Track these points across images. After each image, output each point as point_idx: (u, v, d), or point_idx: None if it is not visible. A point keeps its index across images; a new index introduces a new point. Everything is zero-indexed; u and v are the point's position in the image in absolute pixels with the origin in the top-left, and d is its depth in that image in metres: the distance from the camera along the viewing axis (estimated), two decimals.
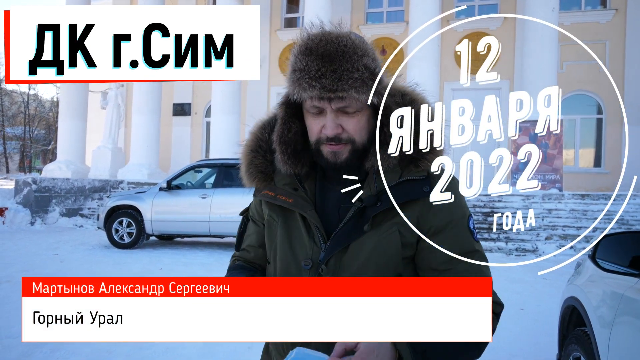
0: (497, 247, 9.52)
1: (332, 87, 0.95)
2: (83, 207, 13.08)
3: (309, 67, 0.96)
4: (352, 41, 0.98)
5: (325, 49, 0.96)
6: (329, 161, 1.02)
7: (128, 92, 18.08)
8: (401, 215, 0.94)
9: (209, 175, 9.38)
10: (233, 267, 1.20)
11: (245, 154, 1.15)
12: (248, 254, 1.21)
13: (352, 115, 1.00)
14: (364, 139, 1.03)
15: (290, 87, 1.00)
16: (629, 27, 14.45)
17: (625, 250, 1.80)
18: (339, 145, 1.00)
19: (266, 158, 1.13)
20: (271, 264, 1.12)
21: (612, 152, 14.62)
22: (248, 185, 1.16)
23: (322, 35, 0.99)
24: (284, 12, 18.03)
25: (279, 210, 1.11)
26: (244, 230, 1.23)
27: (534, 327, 4.45)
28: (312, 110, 1.01)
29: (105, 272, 6.58)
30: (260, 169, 1.13)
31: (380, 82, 0.99)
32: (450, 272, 1.00)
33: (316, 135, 1.02)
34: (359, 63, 0.97)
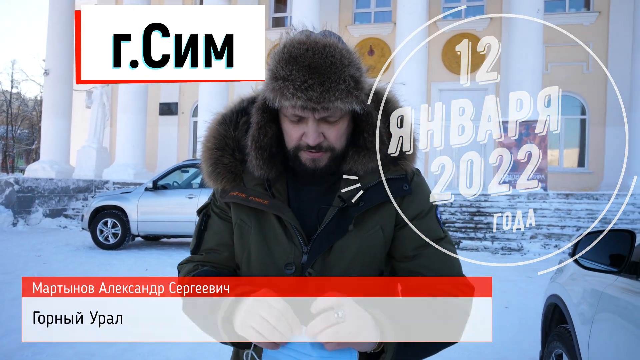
0: (484, 246, 9.60)
1: (318, 100, 0.92)
2: (67, 207, 12.91)
3: (293, 77, 0.92)
4: (339, 51, 0.95)
5: (312, 60, 0.92)
6: (307, 167, 1.00)
7: (113, 91, 17.90)
8: (382, 212, 1.00)
9: (196, 175, 9.31)
10: (205, 272, 1.04)
11: (209, 152, 1.07)
12: (219, 254, 1.09)
13: (334, 124, 0.98)
14: (342, 145, 1.02)
15: (271, 95, 0.95)
16: (611, 29, 14.67)
17: (605, 248, 1.83)
18: (319, 152, 0.99)
19: (234, 157, 1.07)
20: (243, 269, 1.06)
21: (596, 152, 14.83)
22: (214, 186, 1.08)
23: (309, 44, 0.94)
24: (272, 11, 17.99)
25: (250, 213, 1.05)
26: (205, 228, 1.11)
27: (518, 325, 4.50)
28: (292, 117, 0.98)
29: (89, 274, 6.50)
30: (229, 169, 1.06)
31: (363, 90, 0.98)
32: (420, 258, 1.03)
33: (295, 142, 1.00)
34: (346, 74, 0.94)
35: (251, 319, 0.83)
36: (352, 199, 1.00)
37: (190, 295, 1.00)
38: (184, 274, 1.09)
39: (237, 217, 1.06)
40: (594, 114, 14.83)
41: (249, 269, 1.04)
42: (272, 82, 0.94)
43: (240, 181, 1.06)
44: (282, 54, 0.94)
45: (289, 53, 0.94)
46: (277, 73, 0.93)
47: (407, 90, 12.46)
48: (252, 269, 1.04)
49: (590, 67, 14.84)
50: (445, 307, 0.95)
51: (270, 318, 0.82)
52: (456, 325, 0.96)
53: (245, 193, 1.04)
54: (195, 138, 18.00)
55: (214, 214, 1.12)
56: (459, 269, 1.06)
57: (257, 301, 0.84)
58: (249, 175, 1.06)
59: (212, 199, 1.14)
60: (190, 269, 1.08)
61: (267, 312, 0.83)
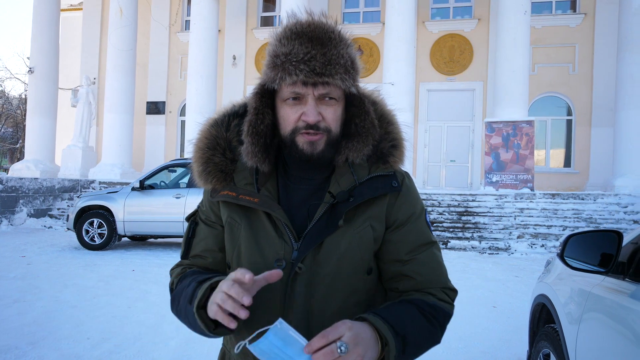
0: (471, 245, 9.65)
1: (321, 71, 0.93)
2: (52, 207, 12.75)
3: (296, 51, 0.94)
4: (338, 30, 0.99)
5: (315, 33, 0.95)
6: (304, 153, 0.99)
7: (100, 89, 17.73)
8: (372, 209, 1.02)
9: (184, 174, 9.24)
10: (190, 273, 1.07)
11: (200, 152, 1.08)
12: (204, 260, 1.12)
13: (331, 104, 0.99)
14: (337, 130, 1.02)
15: (271, 73, 0.96)
16: (597, 31, 14.85)
17: (592, 249, 1.83)
18: (317, 135, 0.98)
19: (225, 156, 1.08)
20: (234, 267, 1.06)
21: (581, 152, 15.00)
22: (204, 185, 1.09)
23: (311, 21, 0.98)
24: (260, 10, 17.93)
25: (240, 211, 1.06)
26: (193, 235, 1.13)
27: (506, 325, 4.51)
28: (290, 96, 0.98)
29: (74, 275, 6.41)
30: (220, 168, 1.07)
31: (358, 73, 1.01)
32: (412, 262, 1.04)
33: (293, 124, 0.99)
34: (345, 51, 0.97)
35: (215, 296, 0.86)
36: (342, 195, 1.00)
37: (174, 294, 1.06)
38: (173, 277, 1.11)
39: (228, 217, 1.07)
40: (580, 114, 15.00)
41: (239, 266, 1.04)
42: (273, 60, 0.97)
43: (230, 180, 1.07)
44: (283, 32, 0.97)
45: (290, 30, 0.97)
46: (279, 50, 0.96)
47: (396, 90, 12.49)
48: (242, 266, 1.03)
49: (576, 68, 15.01)
50: (435, 313, 0.99)
51: (226, 289, 0.83)
52: (442, 329, 1.01)
53: (236, 192, 1.04)
54: (183, 137, 17.88)
55: (201, 221, 1.14)
56: (446, 273, 1.09)
57: (223, 281, 0.86)
58: (239, 175, 1.07)
59: (199, 206, 1.16)
60: (178, 272, 1.11)
61: (227, 285, 0.84)
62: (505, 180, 11.98)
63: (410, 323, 0.93)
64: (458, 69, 15.88)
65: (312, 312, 0.99)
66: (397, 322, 0.90)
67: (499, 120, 12.20)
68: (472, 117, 15.65)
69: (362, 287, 1.03)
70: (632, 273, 1.76)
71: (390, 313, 0.92)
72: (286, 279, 0.98)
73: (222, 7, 16.59)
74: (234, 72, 17.63)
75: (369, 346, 0.83)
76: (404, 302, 0.99)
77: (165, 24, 18.35)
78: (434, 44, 16.06)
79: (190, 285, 0.99)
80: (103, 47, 18.27)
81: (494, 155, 12.12)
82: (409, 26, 13.06)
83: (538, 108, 15.23)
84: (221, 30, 17.18)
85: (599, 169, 14.46)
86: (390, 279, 1.06)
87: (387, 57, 13.21)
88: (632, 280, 1.73)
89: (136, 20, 15.80)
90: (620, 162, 12.13)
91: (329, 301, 1.00)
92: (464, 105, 15.83)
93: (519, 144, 11.99)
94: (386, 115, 1.11)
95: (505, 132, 12.07)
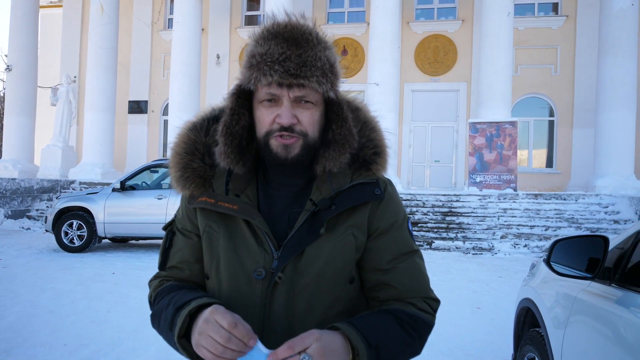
0: (455, 246, 9.69)
1: (295, 72, 0.91)
2: (30, 208, 12.48)
3: (271, 51, 0.92)
4: (316, 32, 0.97)
5: (291, 34, 0.94)
6: (278, 156, 0.96)
7: (80, 88, 17.42)
8: (354, 216, 1.00)
9: (166, 175, 9.10)
10: (168, 288, 1.04)
11: (178, 157, 1.04)
12: (181, 272, 1.08)
13: (308, 108, 0.96)
14: (315, 135, 0.99)
15: (247, 73, 0.95)
16: (578, 33, 15.05)
17: (578, 254, 1.81)
18: (291, 138, 0.95)
19: (204, 161, 1.04)
20: (212, 278, 1.03)
21: (563, 153, 15.20)
22: (181, 191, 1.05)
23: (288, 22, 0.96)
24: (245, 9, 17.81)
25: (219, 219, 1.02)
26: (170, 245, 1.10)
27: (491, 326, 4.51)
28: (266, 98, 0.95)
29: (53, 278, 6.25)
30: (199, 174, 1.03)
31: (337, 77, 0.99)
32: (394, 271, 1.02)
33: (268, 126, 0.96)
34: (322, 53, 0.95)
35: (203, 340, 0.83)
36: (323, 203, 0.97)
37: (154, 312, 1.03)
38: (151, 290, 1.09)
39: (206, 225, 1.03)
40: (562, 115, 15.20)
41: (218, 276, 1.01)
42: (249, 59, 0.95)
43: (209, 187, 1.03)
44: (261, 33, 0.96)
45: (268, 31, 0.95)
46: (255, 50, 0.95)
47: (381, 91, 12.50)
48: (220, 276, 1.00)
49: (558, 69, 15.20)
50: (414, 323, 0.97)
51: (220, 339, 0.80)
52: (422, 340, 0.99)
53: (214, 198, 1.01)
54: (165, 137, 17.68)
55: (177, 230, 1.10)
56: (428, 283, 1.07)
57: (206, 322, 0.83)
58: (218, 181, 1.03)
59: (176, 215, 1.12)
60: (156, 285, 1.08)
61: (216, 332, 0.81)
62: (488, 180, 12.07)
63: (385, 333, 0.91)
64: (442, 69, 15.96)
65: (292, 323, 0.95)
66: (370, 332, 0.88)
67: (483, 121, 12.29)
68: (456, 117, 15.75)
69: (344, 297, 1.01)
70: (617, 279, 1.74)
71: (365, 322, 0.90)
72: (266, 289, 0.95)
73: (205, 6, 16.43)
74: (218, 71, 17.48)
75: (338, 357, 0.82)
76: (381, 311, 0.97)
77: (148, 22, 18.12)
78: (419, 45, 16.12)
79: (169, 309, 0.95)
80: (83, 44, 17.96)
81: (477, 155, 12.20)
82: (393, 26, 13.08)
83: (521, 109, 15.38)
84: (205, 29, 17.01)
85: (580, 169, 14.67)
86: (372, 287, 1.04)
87: (372, 57, 13.22)
88: (617, 286, 1.71)
89: (118, 18, 15.56)
90: (601, 162, 12.31)
91: (310, 311, 0.97)
92: (448, 106, 15.92)
93: (502, 145, 12.08)
94: (369, 122, 1.09)
95: (489, 132, 12.16)
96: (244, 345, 0.81)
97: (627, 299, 1.61)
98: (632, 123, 12.10)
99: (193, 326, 0.87)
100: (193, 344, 0.86)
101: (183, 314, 0.89)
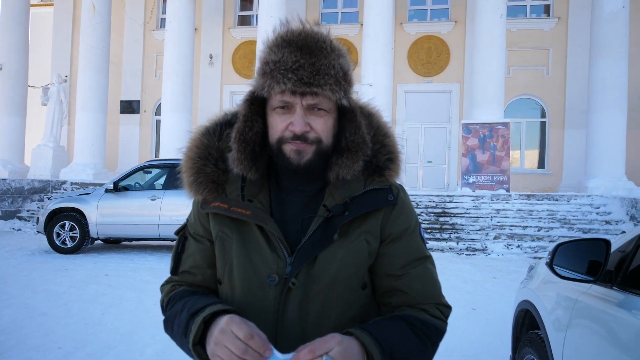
0: (449, 246, 9.72)
1: (309, 80, 0.91)
2: (21, 209, 12.35)
3: (285, 59, 0.92)
4: (330, 40, 0.98)
5: (305, 42, 0.94)
6: (291, 162, 0.96)
7: (72, 87, 17.28)
8: (367, 222, 1.00)
9: (159, 176, 9.06)
10: (180, 293, 1.04)
11: (191, 161, 1.04)
12: (193, 276, 1.08)
13: (321, 115, 0.96)
14: (329, 141, 0.99)
15: (260, 81, 0.95)
16: (570, 35, 15.17)
17: (580, 257, 1.82)
18: (304, 144, 0.96)
19: (217, 166, 1.04)
20: (225, 283, 1.03)
21: (555, 154, 15.31)
22: (195, 196, 1.05)
23: (302, 30, 0.96)
24: (238, 9, 17.75)
25: (232, 224, 1.02)
26: (182, 250, 1.09)
27: (486, 327, 4.53)
28: (279, 105, 0.95)
29: (45, 280, 6.19)
30: (212, 178, 1.03)
31: (350, 85, 0.99)
32: (406, 277, 1.02)
33: (280, 132, 0.96)
34: (336, 61, 0.95)
35: (219, 351, 0.83)
36: (337, 208, 0.98)
37: (167, 317, 1.03)
38: (163, 295, 1.09)
39: (219, 230, 1.03)
40: (554, 116, 15.31)
41: (231, 282, 1.01)
42: (263, 67, 0.95)
43: (222, 192, 1.03)
44: (275, 40, 0.96)
45: (282, 38, 0.95)
46: (269, 58, 0.94)
47: (374, 91, 12.51)
48: (233, 282, 1.00)
49: (550, 71, 15.31)
50: (426, 329, 0.97)
51: (236, 350, 0.80)
52: (434, 347, 0.99)
53: (227, 204, 1.01)
54: (158, 137, 17.57)
55: (189, 235, 1.10)
56: (440, 289, 1.08)
57: (222, 332, 0.83)
58: (231, 186, 1.03)
59: (188, 219, 1.12)
60: (169, 290, 1.08)
61: (232, 344, 0.81)
62: (481, 181, 12.13)
63: (399, 339, 0.91)
64: (435, 70, 16.01)
65: (306, 329, 0.96)
66: (384, 338, 0.89)
67: (476, 122, 12.34)
68: (449, 118, 15.81)
69: (356, 303, 1.01)
70: (619, 282, 1.75)
71: (379, 328, 0.91)
72: (279, 295, 0.96)
73: (198, 5, 16.36)
74: (211, 71, 17.40)
75: (353, 356, 0.83)
76: (394, 317, 0.98)
77: (140, 21, 18.00)
78: (412, 46, 16.16)
79: (183, 314, 0.95)
80: (75, 44, 17.80)
81: (470, 156, 12.25)
82: (386, 27, 13.10)
83: (513, 110, 15.47)
84: (197, 29, 16.93)
85: (572, 170, 14.78)
86: (384, 293, 1.05)
87: (365, 58, 13.23)
88: (619, 289, 1.72)
89: (110, 17, 15.44)
90: (593, 163, 12.41)
91: (324, 317, 0.97)
92: (441, 107, 15.97)
93: (495, 146, 12.14)
94: (382, 128, 1.09)
95: (482, 133, 12.21)
96: (259, 357, 0.80)
97: (629, 302, 1.62)
98: (623, 124, 12.20)
99: (208, 333, 0.87)
100: (209, 353, 0.85)
101: (198, 320, 0.89)
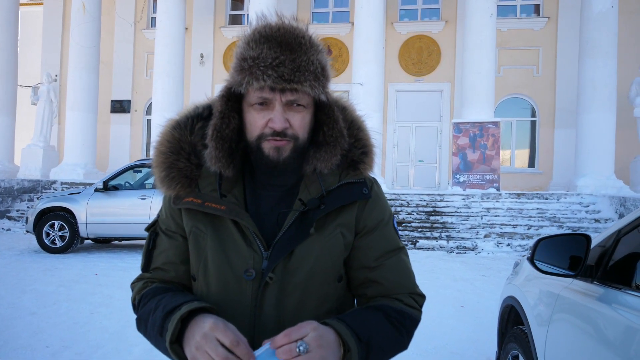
0: (439, 245, 9.76)
1: (289, 77, 0.90)
2: (11, 209, 12.26)
3: (264, 55, 0.90)
4: (309, 35, 0.97)
5: (284, 37, 0.92)
6: (270, 159, 0.96)
7: (62, 87, 17.16)
8: (342, 216, 1.01)
9: (149, 175, 9.01)
10: (153, 290, 1.01)
11: (163, 156, 1.02)
12: (166, 273, 1.05)
13: (299, 111, 0.96)
14: (305, 137, 0.99)
15: (238, 77, 0.93)
16: (560, 34, 15.28)
17: (561, 252, 1.84)
18: (283, 141, 0.95)
19: (190, 161, 1.02)
20: (200, 279, 1.01)
21: (545, 153, 15.42)
22: (167, 192, 1.02)
23: (280, 25, 0.94)
24: (229, 9, 17.71)
25: (206, 220, 1.00)
26: (154, 246, 1.07)
27: (475, 324, 4.56)
28: (257, 102, 0.94)
29: (34, 280, 6.15)
30: (185, 173, 1.01)
31: (328, 80, 0.99)
32: (380, 268, 1.03)
33: (260, 129, 0.96)
34: (315, 57, 0.95)
35: (200, 356, 0.81)
36: (313, 202, 0.97)
37: (139, 316, 1.01)
38: (135, 292, 1.06)
39: (192, 226, 1.01)
40: (544, 116, 15.42)
41: (206, 278, 0.99)
42: (240, 63, 0.93)
43: (195, 187, 1.01)
44: (252, 35, 0.94)
45: (259, 34, 0.94)
46: (247, 53, 0.92)
47: (365, 91, 12.53)
48: (209, 278, 0.99)
49: (540, 70, 15.41)
50: (401, 319, 0.99)
51: (218, 357, 0.79)
52: (409, 335, 1.01)
53: (201, 199, 0.99)
54: (148, 137, 17.49)
55: (161, 231, 1.08)
56: (414, 279, 1.09)
57: (205, 337, 0.82)
58: (205, 181, 1.02)
59: (159, 215, 1.10)
60: (140, 287, 1.05)
61: (213, 350, 0.80)
62: (472, 180, 12.19)
63: (375, 329, 0.92)
64: (426, 70, 16.07)
65: (283, 323, 0.95)
66: (360, 328, 0.89)
67: (466, 121, 12.41)
68: (440, 117, 15.87)
69: (333, 295, 1.02)
70: (599, 276, 1.77)
71: (355, 319, 0.91)
72: (256, 290, 0.95)
73: (189, 5, 16.30)
74: (202, 70, 17.35)
75: (332, 350, 0.83)
76: (370, 307, 0.98)
77: (130, 20, 17.91)
78: (403, 45, 16.21)
79: (157, 312, 0.93)
80: (65, 43, 17.67)
81: (461, 155, 12.31)
82: (378, 27, 13.13)
83: (503, 109, 15.57)
84: (188, 28, 16.88)
85: (562, 169, 14.89)
86: (359, 285, 1.06)
87: (357, 57, 13.25)
88: (599, 284, 1.74)
89: (100, 16, 15.35)
90: (582, 162, 12.52)
91: (301, 311, 0.97)
92: (432, 106, 16.03)
93: (485, 145, 12.22)
94: (356, 121, 1.10)
95: (472, 132, 12.28)
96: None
97: (609, 296, 1.64)
98: (612, 124, 12.31)
99: (186, 332, 0.86)
100: (189, 357, 0.84)
101: (174, 319, 0.87)
